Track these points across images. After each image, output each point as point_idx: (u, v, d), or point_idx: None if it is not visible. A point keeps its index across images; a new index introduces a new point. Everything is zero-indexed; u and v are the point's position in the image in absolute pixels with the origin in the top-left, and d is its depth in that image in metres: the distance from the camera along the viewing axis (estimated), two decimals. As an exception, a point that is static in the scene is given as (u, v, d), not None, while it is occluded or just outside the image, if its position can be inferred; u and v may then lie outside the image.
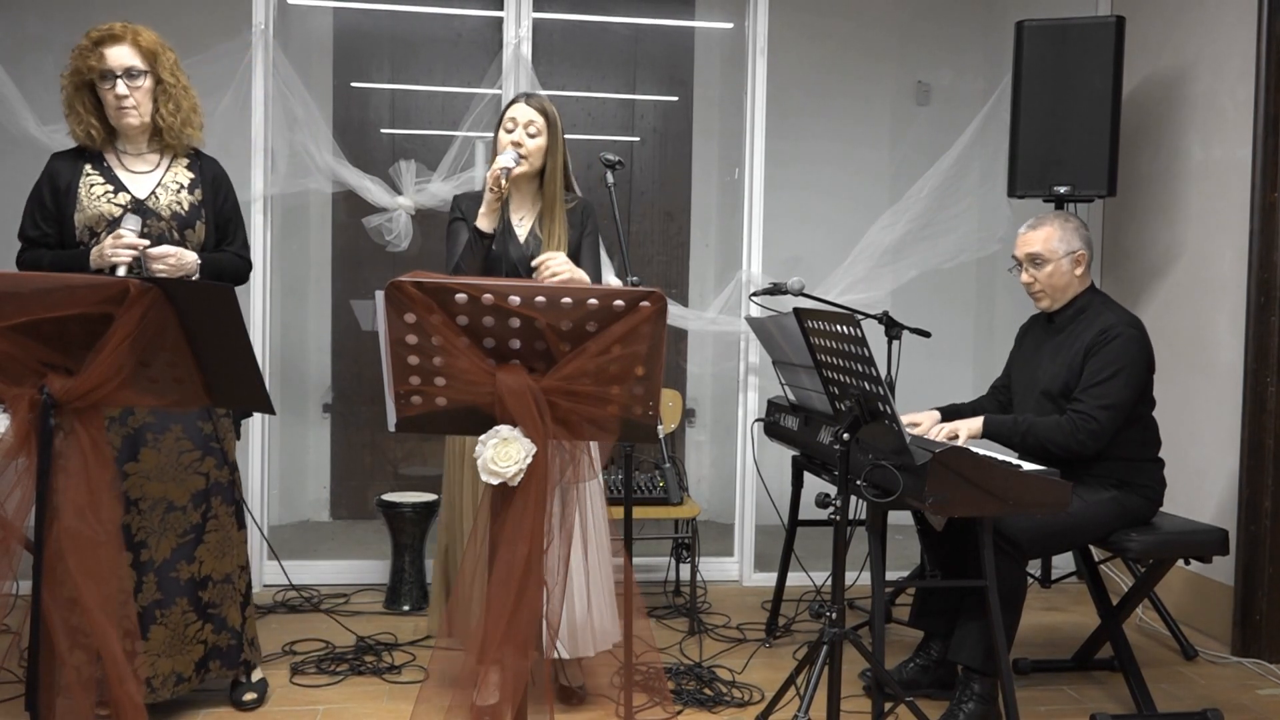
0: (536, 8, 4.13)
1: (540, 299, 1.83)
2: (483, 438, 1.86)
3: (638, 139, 5.27)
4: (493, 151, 2.98)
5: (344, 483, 5.18)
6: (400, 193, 4.03)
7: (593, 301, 1.84)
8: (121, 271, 2.60)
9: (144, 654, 2.71)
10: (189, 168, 2.89)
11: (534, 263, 2.84)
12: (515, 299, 1.83)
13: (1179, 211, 4.04)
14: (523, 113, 2.90)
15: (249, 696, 2.95)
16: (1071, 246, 3.04)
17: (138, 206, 2.77)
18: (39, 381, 1.94)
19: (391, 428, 1.92)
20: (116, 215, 2.74)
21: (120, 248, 2.64)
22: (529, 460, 1.84)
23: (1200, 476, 3.83)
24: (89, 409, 1.98)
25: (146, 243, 2.69)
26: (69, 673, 2.01)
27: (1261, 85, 3.58)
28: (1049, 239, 3.04)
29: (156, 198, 2.81)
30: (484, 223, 2.83)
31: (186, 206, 2.83)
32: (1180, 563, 3.05)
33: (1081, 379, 2.94)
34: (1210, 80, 3.89)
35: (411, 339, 1.84)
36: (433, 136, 4.86)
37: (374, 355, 4.92)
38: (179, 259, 2.73)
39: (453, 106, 4.96)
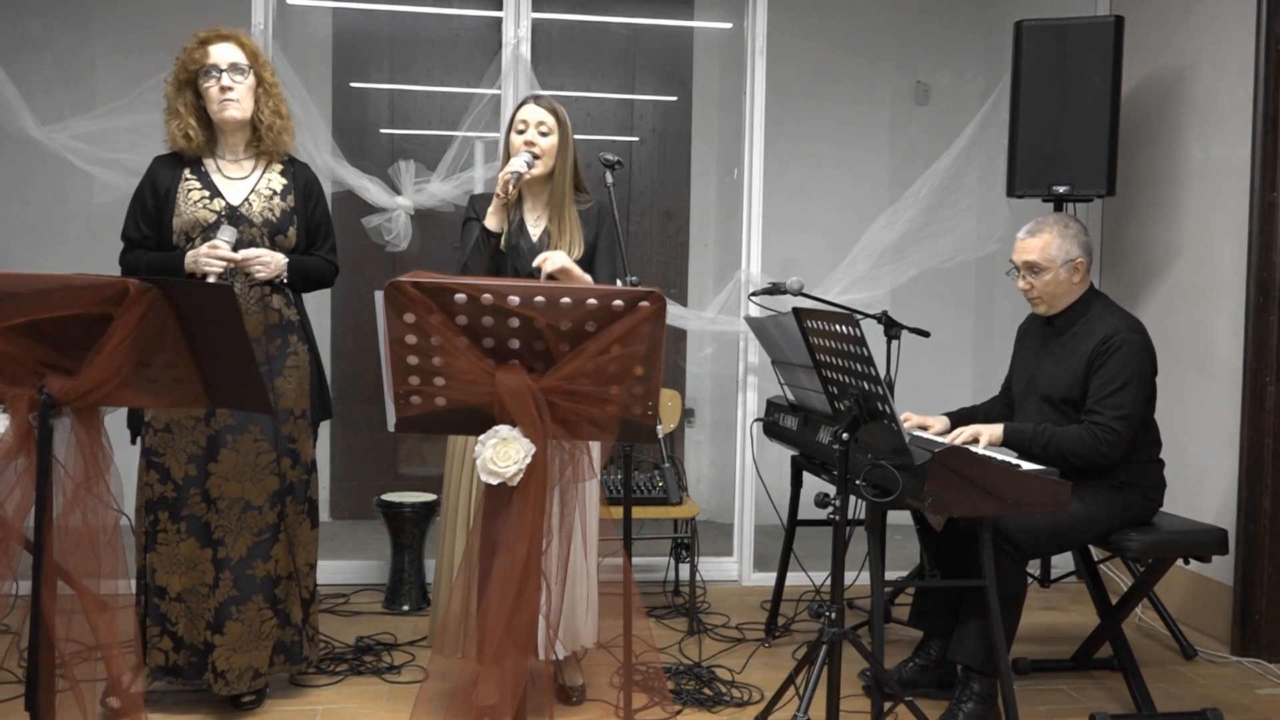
0: (535, 8, 4.12)
1: (539, 299, 1.83)
2: (482, 438, 1.86)
3: (637, 139, 5.27)
4: (503, 155, 3.01)
5: (343, 483, 5.17)
6: (399, 193, 4.03)
7: (592, 301, 1.84)
8: (211, 279, 2.71)
9: (221, 647, 2.83)
10: (283, 174, 2.96)
11: (534, 263, 2.86)
12: (514, 299, 1.83)
13: (1178, 211, 4.04)
14: (533, 113, 2.93)
15: (248, 697, 2.94)
16: (1070, 255, 3.00)
17: (231, 212, 2.85)
18: (38, 382, 1.94)
19: (391, 428, 1.92)
20: (211, 221, 2.83)
21: (214, 258, 2.74)
22: (528, 460, 1.84)
23: (1200, 476, 3.83)
24: (88, 409, 1.98)
25: (239, 257, 2.77)
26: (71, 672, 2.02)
27: (1261, 85, 3.58)
28: (1046, 247, 2.99)
29: (250, 204, 2.88)
30: (491, 221, 2.88)
31: (278, 213, 2.90)
32: (1180, 562, 3.05)
33: (1092, 389, 2.93)
34: (1209, 80, 3.89)
35: (411, 339, 1.84)
36: (432, 137, 4.86)
37: (373, 355, 4.90)
38: (275, 260, 2.84)
39: (452, 107, 4.96)
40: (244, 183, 2.91)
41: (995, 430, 2.98)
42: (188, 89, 2.86)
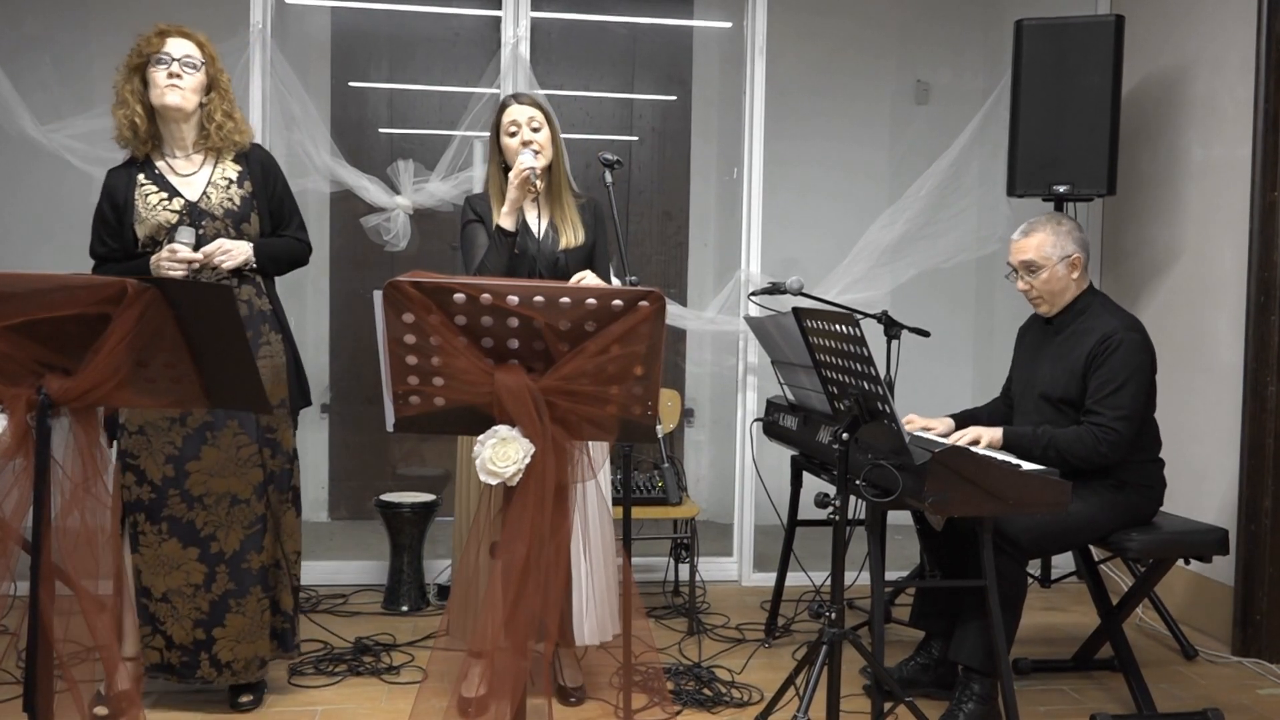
0: (534, 7, 4.12)
1: (538, 299, 1.83)
2: (481, 438, 1.86)
3: (636, 138, 5.26)
4: (492, 158, 3.01)
5: (342, 483, 5.17)
6: (398, 192, 4.03)
7: (591, 301, 1.83)
8: None
9: (223, 640, 2.85)
10: (235, 161, 2.93)
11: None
12: (513, 299, 1.82)
13: (1179, 211, 4.03)
14: (521, 112, 2.94)
15: (246, 698, 2.95)
16: (1065, 251, 3.01)
17: (192, 209, 2.82)
18: (36, 382, 1.94)
19: (390, 428, 1.92)
20: (175, 222, 2.80)
21: (175, 263, 2.73)
22: (527, 460, 1.84)
23: (1200, 476, 3.83)
24: (86, 409, 1.98)
25: (199, 256, 2.76)
26: (67, 672, 2.02)
27: (1261, 84, 3.57)
28: (1041, 245, 3.01)
29: (208, 197, 2.86)
30: (508, 221, 2.86)
31: (238, 201, 2.88)
32: (1180, 562, 3.05)
33: (1091, 389, 2.92)
34: (1210, 79, 3.88)
35: (409, 339, 1.83)
36: (431, 136, 4.85)
37: (372, 355, 4.90)
38: (238, 247, 2.82)
39: (451, 106, 4.96)
40: (198, 177, 2.87)
41: (995, 434, 2.97)
42: (136, 76, 2.82)
